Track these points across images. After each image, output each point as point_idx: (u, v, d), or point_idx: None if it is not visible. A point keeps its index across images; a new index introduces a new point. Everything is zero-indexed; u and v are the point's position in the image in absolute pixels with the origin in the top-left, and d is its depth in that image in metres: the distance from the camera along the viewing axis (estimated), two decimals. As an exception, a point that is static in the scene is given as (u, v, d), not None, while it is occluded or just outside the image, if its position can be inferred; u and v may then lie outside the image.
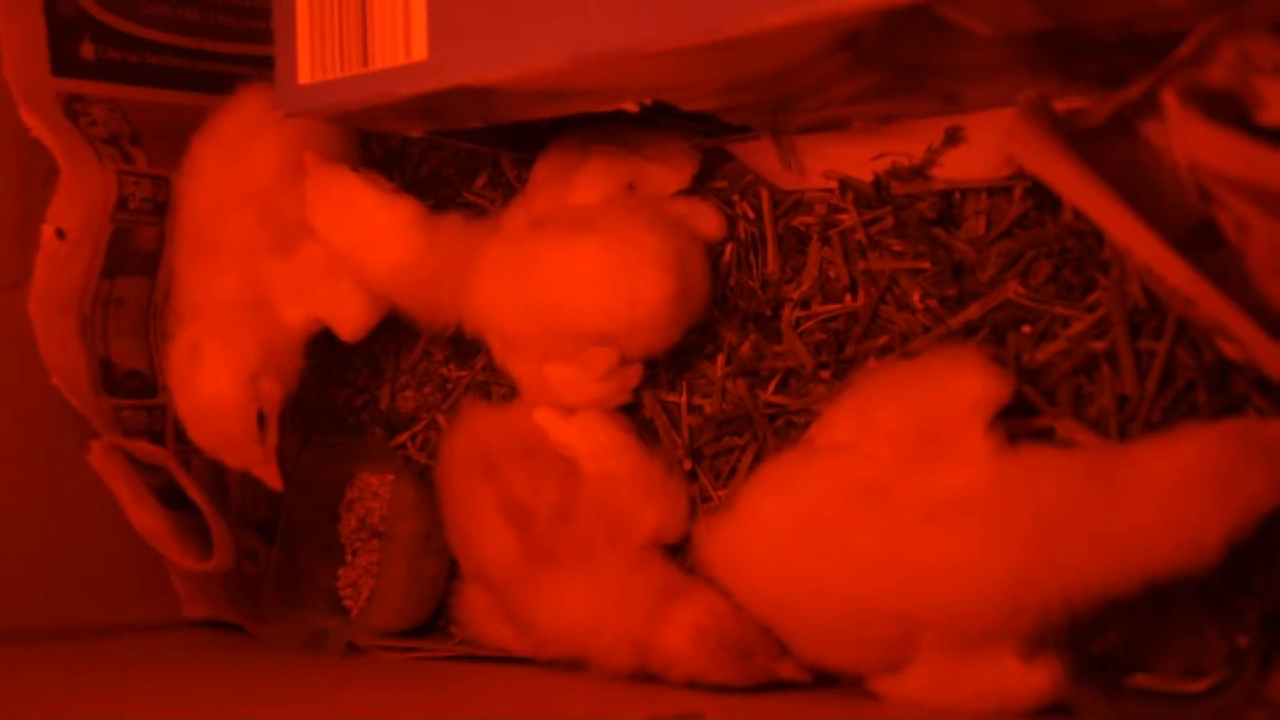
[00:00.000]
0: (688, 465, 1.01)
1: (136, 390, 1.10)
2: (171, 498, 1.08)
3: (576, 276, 0.94)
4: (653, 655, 0.91)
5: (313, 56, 0.89)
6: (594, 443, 1.00)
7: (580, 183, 1.01)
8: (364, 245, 0.99)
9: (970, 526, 0.78)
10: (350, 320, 1.04)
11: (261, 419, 1.00)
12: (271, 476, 1.02)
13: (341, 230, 0.99)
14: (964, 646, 0.80)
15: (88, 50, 1.07)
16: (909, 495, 0.81)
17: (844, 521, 0.82)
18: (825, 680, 0.89)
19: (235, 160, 1.04)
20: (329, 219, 1.00)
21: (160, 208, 1.10)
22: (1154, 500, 0.75)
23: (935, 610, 0.79)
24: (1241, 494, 0.74)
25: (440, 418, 1.13)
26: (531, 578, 0.95)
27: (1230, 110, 0.63)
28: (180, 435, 1.12)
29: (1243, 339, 0.71)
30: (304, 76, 0.90)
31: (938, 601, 0.79)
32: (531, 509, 0.96)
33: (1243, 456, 0.74)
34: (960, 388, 0.83)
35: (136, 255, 1.10)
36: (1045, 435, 0.88)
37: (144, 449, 1.07)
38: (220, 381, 0.99)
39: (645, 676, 0.92)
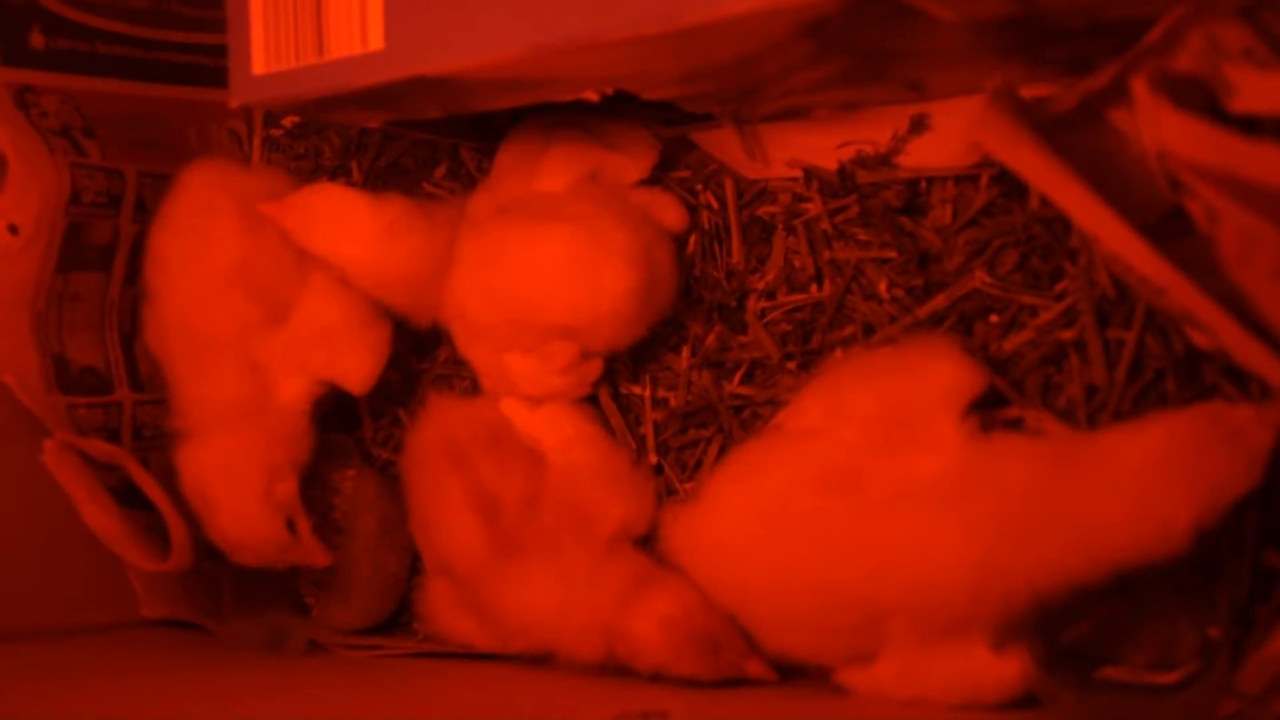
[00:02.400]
0: (654, 459, 1.00)
1: (92, 387, 1.09)
2: (129, 497, 1.07)
3: (541, 268, 0.93)
4: (620, 643, 0.90)
5: (267, 46, 0.88)
6: (560, 434, 0.99)
7: (546, 169, 0.99)
8: (335, 240, 0.99)
9: (939, 512, 0.77)
10: (357, 372, 1.04)
11: (291, 523, 1.02)
12: (319, 560, 1.04)
13: (339, 240, 1.00)
14: (932, 636, 0.79)
15: (37, 40, 1.06)
16: (878, 481, 0.80)
17: (811, 508, 0.81)
18: (792, 673, 0.89)
19: (200, 243, 1.03)
20: (320, 235, 1.00)
21: (115, 200, 1.09)
22: (1122, 486, 0.75)
23: (903, 597, 0.78)
24: (1210, 479, 0.73)
25: (401, 412, 1.12)
26: (498, 569, 0.94)
27: (1199, 98, 0.62)
28: (138, 432, 1.11)
29: (1212, 327, 0.70)
30: (258, 67, 0.88)
31: (906, 588, 0.78)
32: (499, 499, 0.95)
33: (1211, 441, 0.74)
34: (935, 376, 0.83)
35: (91, 250, 1.09)
36: (1015, 425, 0.87)
37: (99, 447, 1.06)
38: (241, 520, 1.01)
39: (613, 669, 0.91)
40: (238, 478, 1.01)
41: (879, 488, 0.80)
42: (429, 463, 0.99)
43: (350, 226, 0.99)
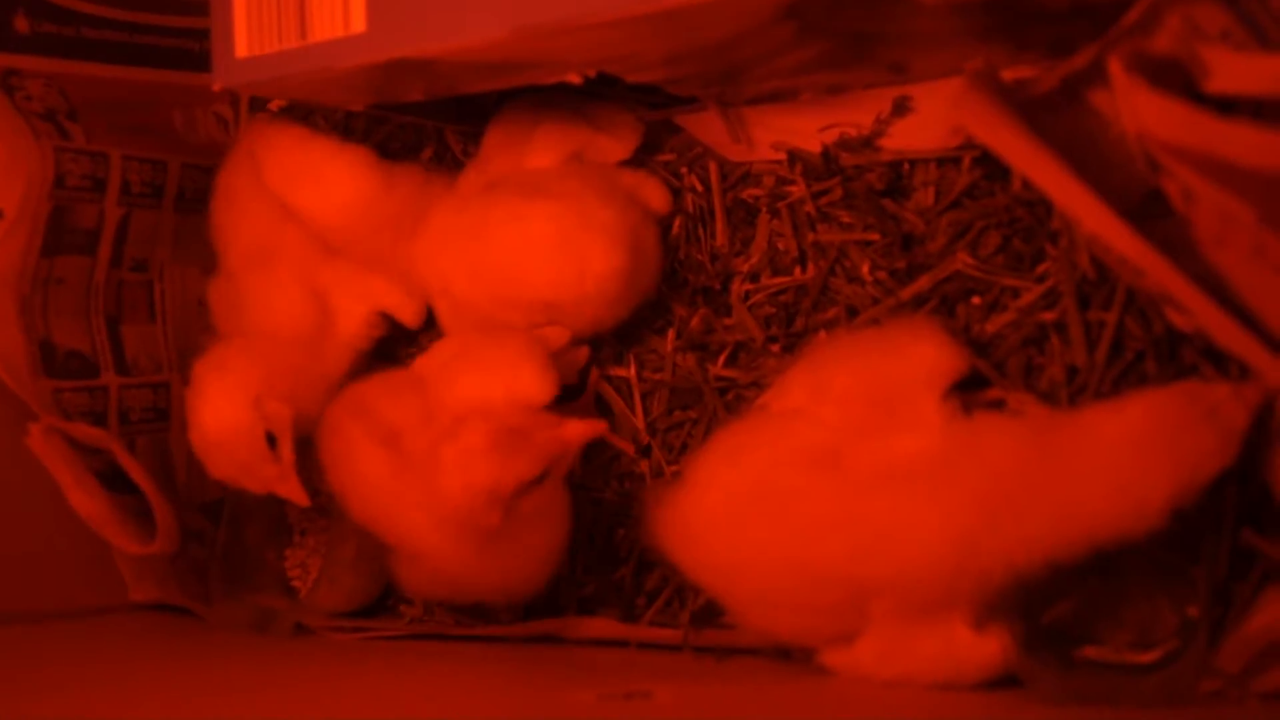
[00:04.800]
0: (645, 440, 1.00)
1: (77, 371, 1.09)
2: (115, 481, 1.07)
3: (526, 244, 0.93)
4: (448, 507, 0.88)
5: (250, 29, 0.88)
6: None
7: (535, 147, 1.00)
8: (316, 192, 0.99)
9: (921, 491, 0.78)
10: (410, 301, 1.05)
11: (272, 440, 0.99)
12: (294, 493, 1.00)
13: (293, 180, 1.00)
14: (914, 615, 0.80)
15: (21, 24, 1.05)
16: (861, 460, 0.80)
17: (794, 487, 0.81)
18: (777, 654, 0.89)
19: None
20: (279, 171, 1.00)
21: (100, 184, 1.08)
22: (1099, 465, 0.75)
23: (885, 575, 0.79)
24: (1187, 456, 0.74)
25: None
26: (404, 491, 0.92)
27: (1176, 78, 0.62)
28: (124, 416, 1.11)
29: (1190, 308, 0.71)
30: (241, 50, 0.88)
31: (888, 566, 0.78)
32: (399, 427, 0.93)
33: (1188, 419, 0.74)
34: (918, 357, 0.83)
35: (76, 233, 1.08)
36: (997, 406, 0.87)
37: (85, 431, 1.06)
38: (220, 411, 0.99)
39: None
40: (231, 375, 0.99)
41: (862, 466, 0.80)
42: (336, 426, 0.98)
43: (328, 180, 0.99)
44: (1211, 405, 0.74)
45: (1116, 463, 0.75)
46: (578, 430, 0.87)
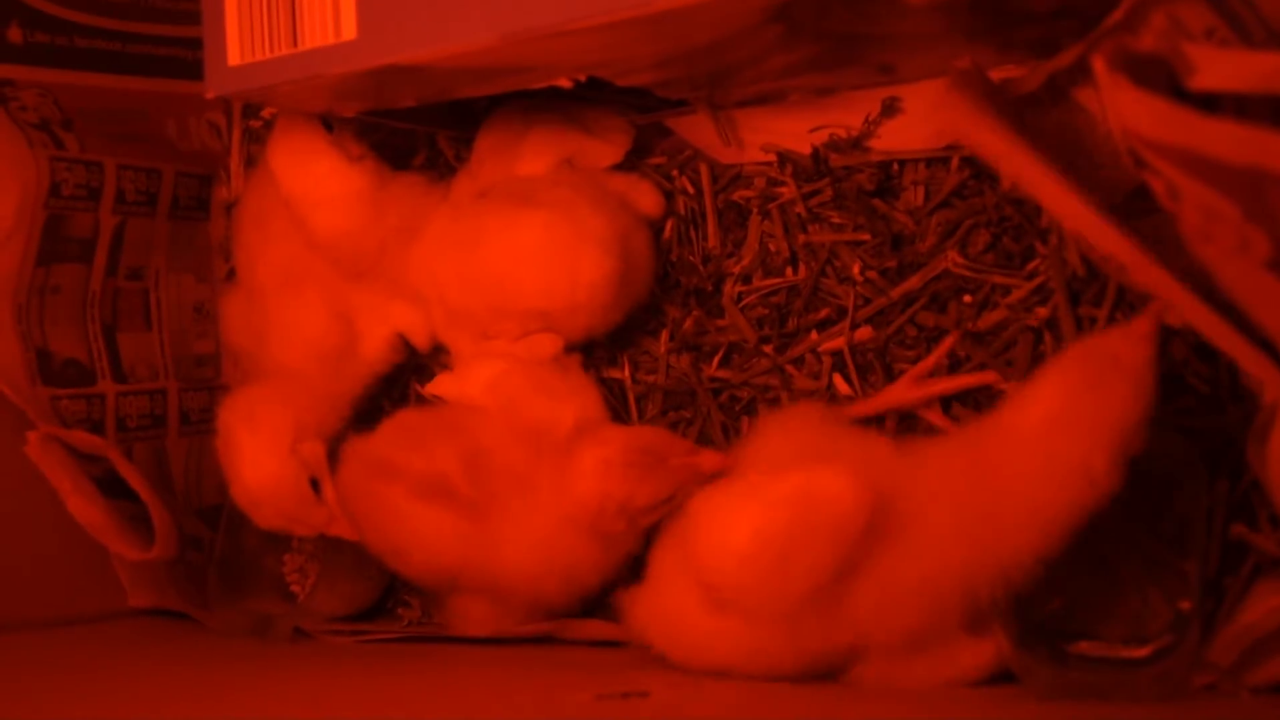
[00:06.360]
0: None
1: (74, 379, 1.09)
2: (113, 487, 1.07)
3: (519, 253, 0.93)
4: (581, 510, 0.89)
5: (241, 38, 0.88)
6: (487, 377, 0.98)
7: (526, 153, 1.00)
8: (310, 204, 0.99)
9: (897, 548, 0.77)
10: (424, 327, 1.04)
11: (315, 483, 0.99)
12: (346, 532, 1.00)
13: (294, 182, 0.99)
14: (912, 647, 0.80)
15: (15, 34, 1.06)
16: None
17: None
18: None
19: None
20: (286, 166, 1.00)
21: (94, 193, 1.09)
22: (1028, 451, 0.75)
23: (892, 633, 0.79)
24: (1105, 412, 0.74)
25: (386, 403, 1.12)
26: (487, 532, 0.93)
27: (1161, 77, 0.63)
28: (121, 423, 1.11)
29: (1175, 303, 0.71)
30: (233, 58, 0.88)
31: (894, 625, 0.79)
32: (444, 474, 0.93)
33: (1093, 375, 0.75)
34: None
35: (71, 242, 1.09)
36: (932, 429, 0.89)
37: (82, 439, 1.06)
38: (260, 465, 0.99)
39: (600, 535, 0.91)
40: (263, 424, 0.99)
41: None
42: (361, 492, 0.98)
43: (322, 200, 0.99)
44: (1110, 354, 0.75)
45: (1042, 445, 0.75)
46: (712, 461, 0.88)
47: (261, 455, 0.99)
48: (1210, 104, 0.62)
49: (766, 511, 0.78)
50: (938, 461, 0.79)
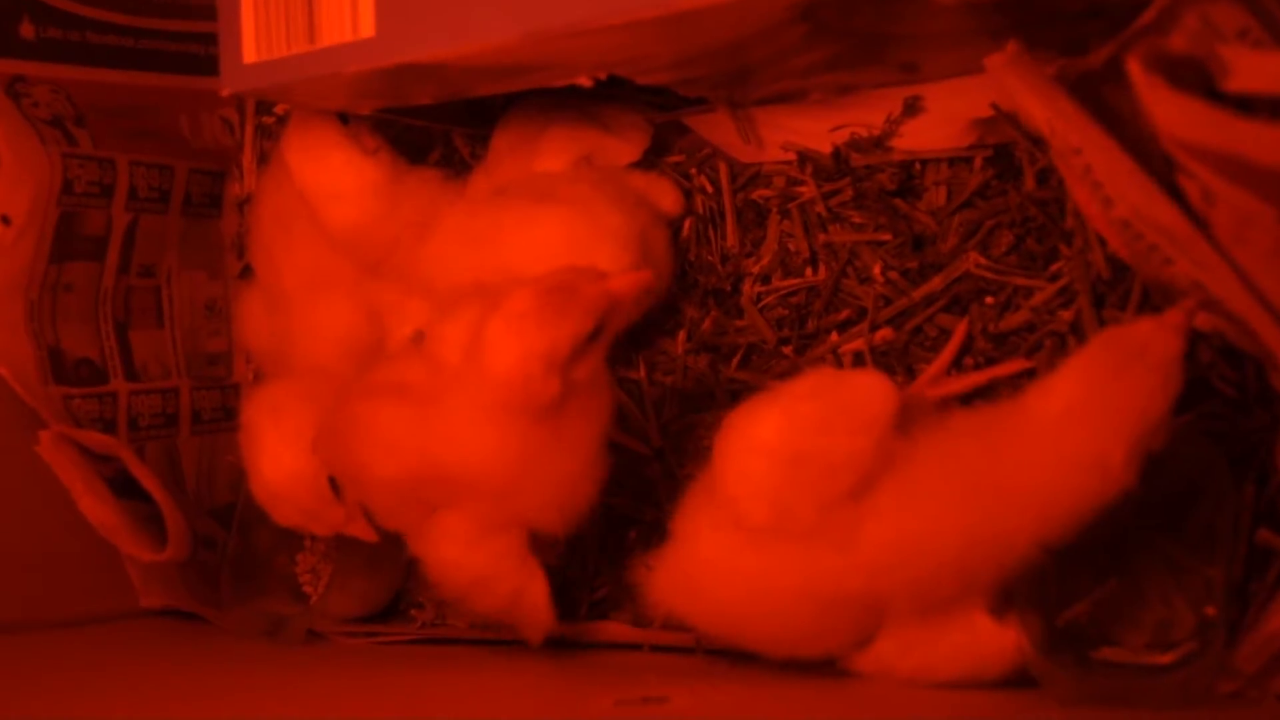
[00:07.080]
0: (657, 443, 1.00)
1: (87, 378, 1.09)
2: (125, 487, 1.07)
3: (536, 249, 0.93)
4: (505, 389, 0.82)
5: (258, 34, 0.87)
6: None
7: (544, 150, 1.00)
8: (325, 197, 0.99)
9: (915, 504, 0.77)
10: None
11: (334, 482, 0.99)
12: (364, 533, 1.00)
13: (308, 175, 0.99)
14: (932, 611, 0.79)
15: (27, 30, 1.05)
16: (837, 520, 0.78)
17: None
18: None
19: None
20: (301, 158, 0.99)
21: (107, 190, 1.08)
22: (1046, 434, 0.74)
23: (899, 586, 0.78)
24: (1127, 404, 0.73)
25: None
26: (439, 419, 0.86)
27: (1195, 77, 0.62)
28: (133, 422, 1.11)
29: (1222, 295, 0.69)
30: (249, 55, 0.88)
31: (899, 580, 0.78)
32: (404, 381, 0.89)
33: (1119, 367, 0.73)
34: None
35: (84, 239, 1.08)
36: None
37: (95, 439, 1.05)
38: (280, 461, 0.99)
39: None
40: (286, 420, 0.99)
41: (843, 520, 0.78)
42: (337, 428, 0.93)
43: (337, 193, 0.99)
44: (1138, 345, 0.73)
45: (1061, 434, 0.74)
46: (625, 281, 0.82)
47: (283, 450, 0.98)
48: (1246, 106, 0.61)
49: (793, 405, 0.78)
50: (959, 423, 0.78)
